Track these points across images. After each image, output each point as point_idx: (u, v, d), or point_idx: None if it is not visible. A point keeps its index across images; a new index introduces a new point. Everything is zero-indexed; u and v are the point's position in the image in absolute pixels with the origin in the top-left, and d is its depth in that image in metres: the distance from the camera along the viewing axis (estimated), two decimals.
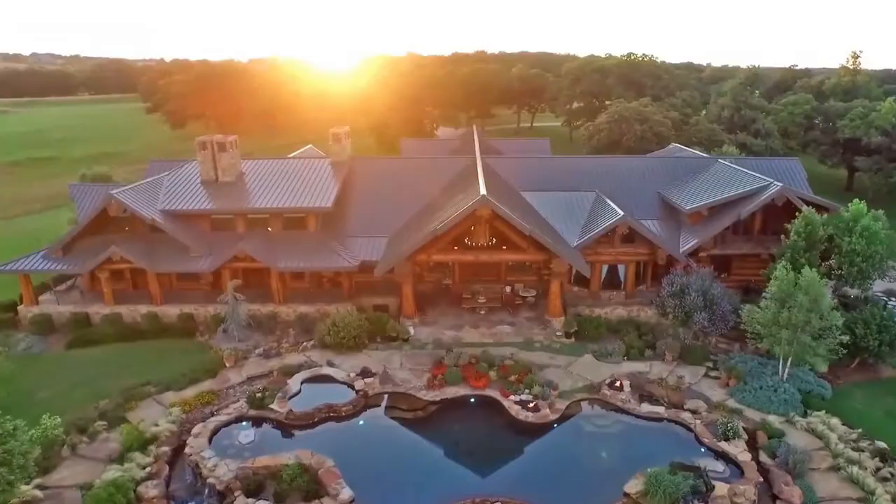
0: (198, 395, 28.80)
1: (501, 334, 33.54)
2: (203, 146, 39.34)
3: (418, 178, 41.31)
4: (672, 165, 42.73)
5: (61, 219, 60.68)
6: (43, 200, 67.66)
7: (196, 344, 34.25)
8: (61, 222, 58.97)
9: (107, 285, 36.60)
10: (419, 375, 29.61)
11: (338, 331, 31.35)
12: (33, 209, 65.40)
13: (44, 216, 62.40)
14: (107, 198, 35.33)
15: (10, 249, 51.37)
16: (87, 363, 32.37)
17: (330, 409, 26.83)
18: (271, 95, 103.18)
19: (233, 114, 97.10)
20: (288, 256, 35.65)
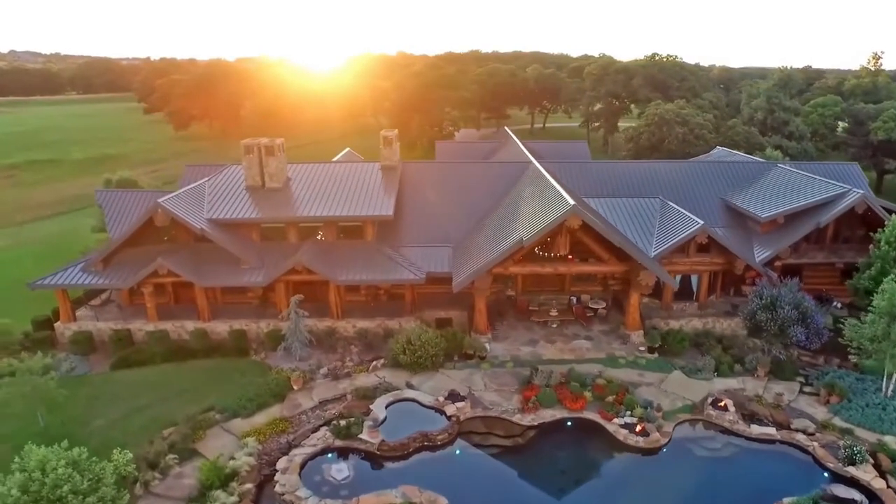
0: (270, 422, 26.69)
1: (580, 350, 31.86)
2: (249, 150, 37.04)
3: (471, 184, 39.44)
4: (728, 170, 41.42)
5: (75, 225, 57.95)
6: (50, 206, 64.49)
7: (252, 363, 32.06)
8: (77, 229, 56.21)
9: (150, 300, 34.22)
10: (507, 397, 27.80)
11: (414, 349, 29.38)
12: (41, 215, 62.22)
13: (53, 223, 59.42)
14: (154, 206, 32.91)
15: (31, 260, 48.66)
16: (139, 386, 30.03)
17: (424, 438, 24.91)
18: (273, 95, 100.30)
19: (236, 115, 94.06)
20: (348, 268, 33.58)
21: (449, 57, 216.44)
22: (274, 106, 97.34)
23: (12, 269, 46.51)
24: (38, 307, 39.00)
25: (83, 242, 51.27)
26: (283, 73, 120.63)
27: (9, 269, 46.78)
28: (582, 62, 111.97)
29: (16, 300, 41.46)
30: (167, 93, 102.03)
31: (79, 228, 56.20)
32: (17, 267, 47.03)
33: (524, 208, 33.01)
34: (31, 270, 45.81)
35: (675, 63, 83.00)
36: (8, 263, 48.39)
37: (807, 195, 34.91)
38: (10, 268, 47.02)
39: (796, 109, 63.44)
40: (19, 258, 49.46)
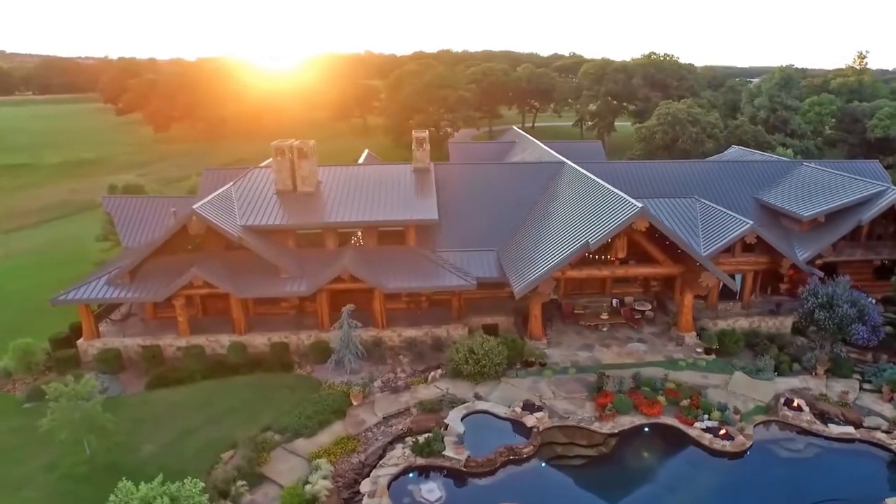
0: (336, 441, 25.32)
1: (638, 353, 31.40)
2: (280, 152, 35.32)
3: (504, 185, 38.60)
4: (754, 169, 41.72)
5: (68, 233, 54.81)
6: (35, 213, 60.84)
7: (299, 378, 30.53)
8: (73, 238, 53.12)
9: (182, 313, 32.30)
10: (579, 405, 27.08)
11: (478, 359, 28.37)
12: (26, 223, 58.59)
13: (43, 231, 56.02)
14: (189, 214, 30.95)
15: (31, 271, 45.65)
16: (182, 406, 28.19)
17: (510, 452, 23.95)
18: (256, 96, 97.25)
19: (220, 115, 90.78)
20: (394, 275, 32.30)
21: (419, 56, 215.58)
22: (259, 107, 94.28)
23: (11, 282, 43.56)
24: (49, 322, 36.65)
25: (84, 252, 48.57)
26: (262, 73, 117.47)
27: (7, 281, 43.76)
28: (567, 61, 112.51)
29: (23, 315, 38.89)
30: (144, 93, 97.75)
31: (75, 237, 53.23)
32: (17, 278, 44.12)
33: (574, 210, 32.35)
34: (35, 282, 43.15)
35: (672, 62, 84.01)
36: (5, 275, 45.28)
37: (844, 194, 35.30)
38: (9, 280, 44.00)
39: (797, 108, 64.97)
40: (16, 269, 46.40)
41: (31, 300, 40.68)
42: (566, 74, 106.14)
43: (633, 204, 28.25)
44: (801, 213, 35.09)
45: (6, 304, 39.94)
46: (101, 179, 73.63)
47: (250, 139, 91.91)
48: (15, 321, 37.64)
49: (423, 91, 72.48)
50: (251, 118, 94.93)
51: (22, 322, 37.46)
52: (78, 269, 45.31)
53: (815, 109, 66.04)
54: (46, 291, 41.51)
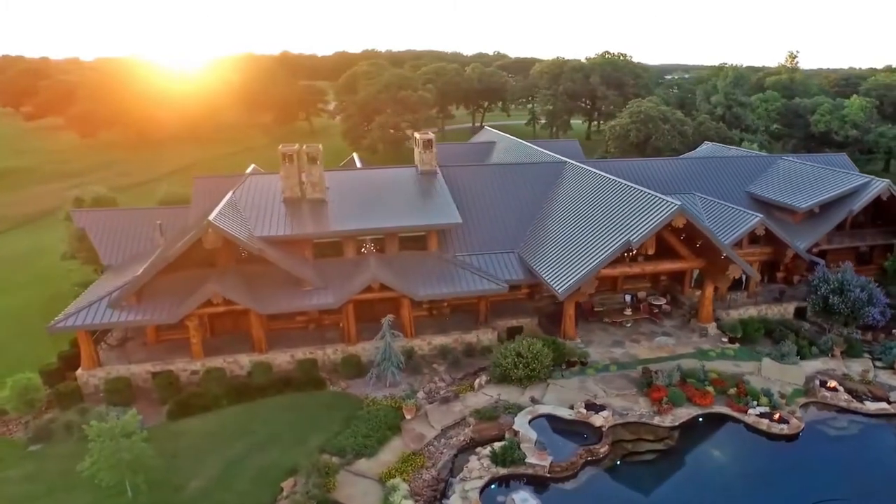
0: (403, 458, 24.14)
1: (668, 346, 32.12)
2: (288, 157, 33.32)
3: (512, 186, 38.47)
4: (739, 165, 43.87)
5: (12, 251, 49.12)
6: None
7: (335, 395, 28.91)
8: (24, 255, 47.70)
9: (196, 334, 29.81)
10: (632, 400, 27.31)
11: (527, 362, 27.98)
12: None
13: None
14: (204, 226, 28.51)
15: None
16: (217, 435, 25.96)
17: (588, 454, 23.78)
18: (187, 99, 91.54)
19: (154, 120, 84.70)
20: (423, 282, 31.29)
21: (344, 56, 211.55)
22: (193, 110, 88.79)
23: None
24: (21, 354, 32.99)
25: (45, 272, 43.95)
26: (186, 74, 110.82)
27: None
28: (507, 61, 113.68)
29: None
30: (59, 96, 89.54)
31: (26, 255, 47.99)
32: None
33: (599, 208, 32.59)
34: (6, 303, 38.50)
35: (627, 61, 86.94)
36: None
37: (832, 185, 37.76)
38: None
39: (751, 105, 69.25)
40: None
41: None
42: (512, 74, 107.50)
43: (671, 202, 28.84)
44: (798, 204, 37.22)
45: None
46: (29, 191, 67.07)
47: (190, 144, 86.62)
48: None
49: (381, 92, 71.03)
50: (188, 123, 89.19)
51: None
52: (44, 292, 41.01)
53: (763, 106, 70.81)
54: (8, 320, 37.25)
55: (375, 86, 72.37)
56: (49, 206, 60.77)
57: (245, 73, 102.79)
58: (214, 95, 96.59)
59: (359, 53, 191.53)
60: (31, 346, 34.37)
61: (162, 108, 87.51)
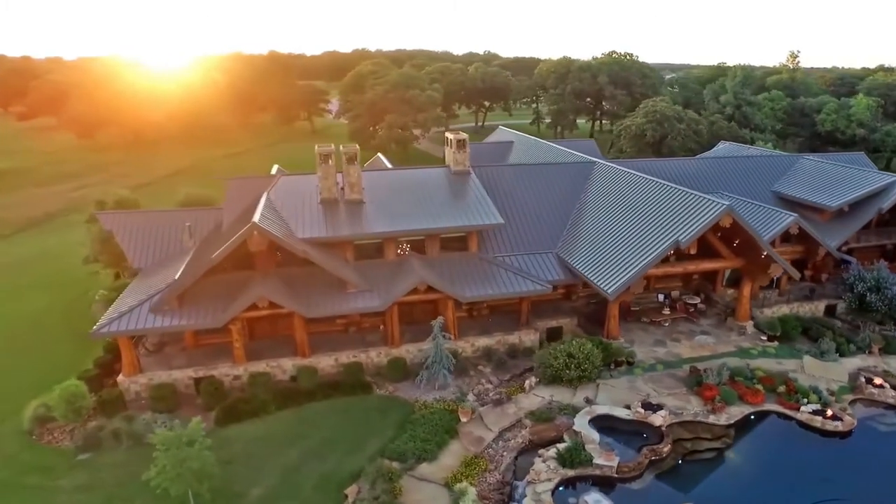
0: (466, 462, 23.96)
1: (709, 345, 32.30)
2: (326, 158, 32.86)
3: (544, 186, 38.39)
4: (761, 165, 44.25)
5: (22, 254, 47.86)
6: None
7: (384, 399, 28.57)
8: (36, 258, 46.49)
9: (239, 339, 29.26)
10: (684, 399, 27.40)
11: (579, 362, 27.94)
12: None
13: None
14: (250, 229, 27.96)
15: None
16: (269, 441, 25.57)
17: (652, 453, 23.80)
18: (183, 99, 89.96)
19: (149, 120, 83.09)
20: (467, 283, 31.07)
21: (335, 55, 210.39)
22: (189, 110, 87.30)
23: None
24: (55, 357, 32.23)
25: (63, 274, 42.92)
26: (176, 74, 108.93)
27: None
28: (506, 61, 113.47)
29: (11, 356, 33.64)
30: (51, 96, 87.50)
31: (37, 258, 46.84)
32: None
33: (640, 209, 32.64)
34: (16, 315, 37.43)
35: (634, 61, 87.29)
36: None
37: (860, 184, 38.24)
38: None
39: (759, 104, 70.03)
40: None
41: (19, 336, 35.33)
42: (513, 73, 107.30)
43: (720, 203, 28.98)
44: (829, 203, 37.62)
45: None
46: (27, 193, 65.49)
47: (187, 145, 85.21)
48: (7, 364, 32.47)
49: (390, 91, 70.54)
50: (183, 123, 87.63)
51: (16, 364, 32.40)
52: (62, 297, 40.05)
53: (769, 105, 71.70)
54: (32, 326, 36.20)
55: (383, 85, 71.89)
56: (53, 208, 59.57)
57: (240, 73, 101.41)
58: (209, 95, 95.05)
59: (350, 53, 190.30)
60: (60, 352, 33.53)
61: (157, 109, 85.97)
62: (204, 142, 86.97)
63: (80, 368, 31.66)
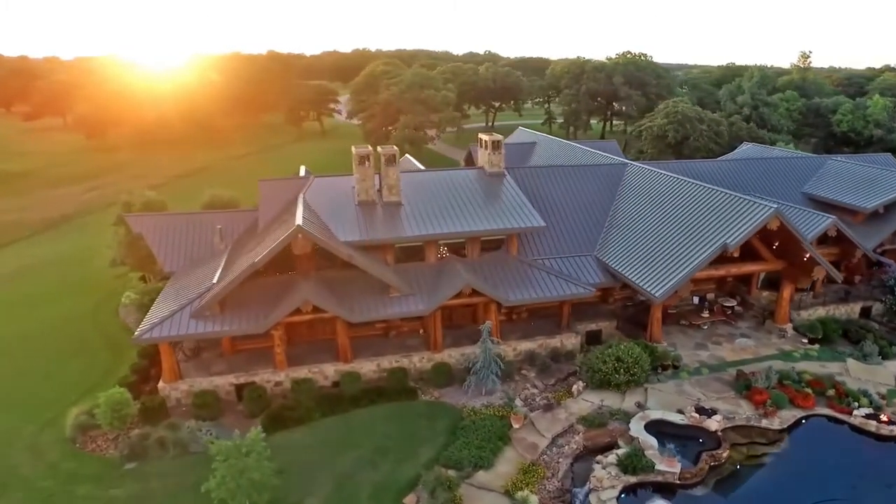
0: (523, 469, 23.63)
1: (751, 348, 32.13)
2: (363, 159, 32.45)
3: (577, 188, 38.19)
4: (789, 166, 44.13)
5: (40, 258, 47.15)
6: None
7: (431, 405, 28.18)
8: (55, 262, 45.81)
9: (281, 344, 28.85)
10: (734, 403, 27.17)
11: (628, 367, 27.67)
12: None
13: (8, 258, 47.49)
14: (294, 232, 27.51)
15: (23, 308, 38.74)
16: (317, 449, 25.15)
17: (711, 459, 23.56)
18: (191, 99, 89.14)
19: (160, 120, 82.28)
20: (510, 287, 30.76)
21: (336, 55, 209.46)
22: (200, 111, 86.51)
23: (4, 324, 36.81)
24: (89, 363, 31.85)
25: (87, 278, 42.32)
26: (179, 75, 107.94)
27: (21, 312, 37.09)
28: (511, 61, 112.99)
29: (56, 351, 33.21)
30: (57, 96, 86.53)
31: (56, 261, 46.07)
32: (9, 319, 37.29)
33: (683, 212, 32.42)
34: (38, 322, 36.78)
35: (649, 62, 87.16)
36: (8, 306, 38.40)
37: (893, 185, 38.12)
38: (22, 311, 37.30)
39: (775, 105, 70.06)
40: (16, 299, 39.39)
41: (50, 340, 34.76)
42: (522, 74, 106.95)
43: (767, 206, 28.81)
44: (864, 204, 37.50)
45: (4, 354, 33.63)
46: (40, 194, 64.70)
47: (199, 146, 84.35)
48: (40, 370, 31.91)
49: (405, 92, 70.06)
50: (193, 123, 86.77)
51: (49, 370, 31.89)
52: (87, 301, 39.42)
53: (784, 105, 71.77)
54: (61, 332, 35.59)
55: (399, 86, 71.40)
56: (67, 210, 58.82)
57: (247, 73, 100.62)
58: (217, 96, 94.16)
59: (351, 53, 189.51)
60: (92, 357, 33.03)
61: (165, 109, 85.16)
62: (214, 142, 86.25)
63: (113, 374, 31.32)
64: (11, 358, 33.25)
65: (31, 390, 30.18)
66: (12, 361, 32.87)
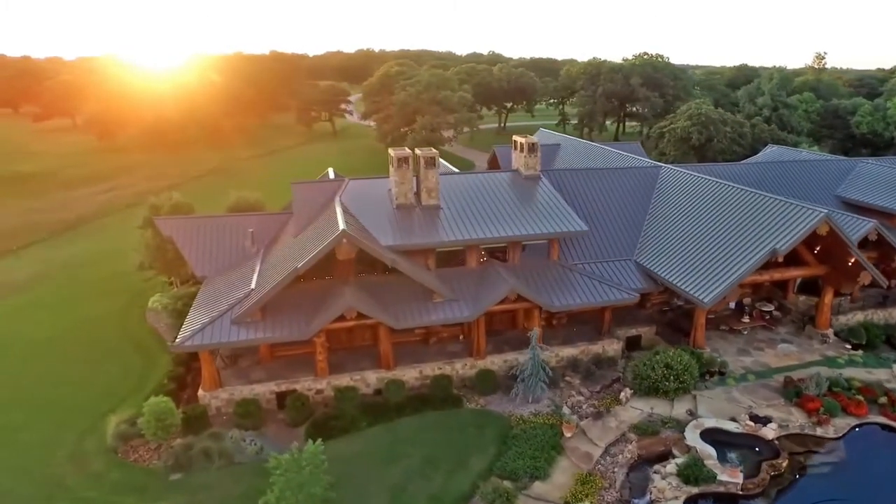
0: (580, 480, 23.18)
1: (794, 354, 31.74)
2: (402, 162, 31.94)
3: (611, 191, 37.71)
4: (820, 169, 43.73)
5: (57, 260, 46.45)
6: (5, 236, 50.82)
7: (477, 413, 27.69)
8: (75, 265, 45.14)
9: (323, 351, 28.34)
10: (785, 411, 26.80)
11: (678, 374, 27.26)
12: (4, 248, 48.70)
13: (26, 261, 46.75)
14: (339, 236, 26.99)
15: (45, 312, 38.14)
16: (366, 459, 24.65)
17: (771, 468, 23.17)
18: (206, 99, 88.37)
19: (170, 121, 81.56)
20: (553, 293, 30.31)
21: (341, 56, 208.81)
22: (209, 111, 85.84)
23: (29, 327, 36.22)
24: (119, 363, 31.40)
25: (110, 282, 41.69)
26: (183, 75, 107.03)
27: (23, 326, 36.39)
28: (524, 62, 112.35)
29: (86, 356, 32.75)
30: (66, 97, 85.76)
31: (76, 265, 45.43)
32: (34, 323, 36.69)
33: (724, 216, 32.02)
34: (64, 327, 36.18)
35: (666, 63, 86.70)
36: (16, 319, 37.67)
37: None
38: (25, 325, 36.61)
39: (795, 106, 69.71)
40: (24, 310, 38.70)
41: (79, 345, 34.18)
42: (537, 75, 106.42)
43: (818, 210, 28.44)
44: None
45: (35, 359, 33.06)
46: (56, 196, 64.00)
47: (211, 146, 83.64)
48: (74, 375, 31.35)
49: (423, 92, 69.54)
50: (202, 124, 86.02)
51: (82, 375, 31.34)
52: (113, 304, 38.83)
53: (803, 107, 71.48)
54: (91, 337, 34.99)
55: (416, 87, 70.87)
56: (84, 211, 58.17)
57: (258, 73, 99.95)
58: (227, 96, 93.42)
59: (354, 53, 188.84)
60: (123, 363, 32.49)
61: (176, 110, 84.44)
62: (224, 143, 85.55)
63: (147, 380, 30.85)
64: (41, 363, 32.66)
65: (64, 397, 29.63)
66: (43, 367, 32.28)
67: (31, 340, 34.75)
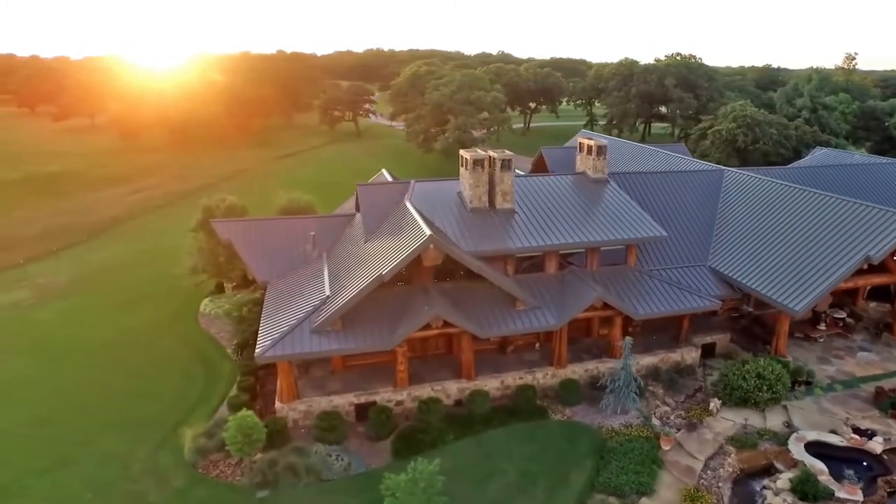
0: (688, 496, 22.33)
1: (875, 362, 30.99)
2: (478, 164, 31.06)
3: (676, 195, 37.07)
4: (886, 173, 42.99)
5: (97, 264, 45.41)
6: (35, 241, 49.72)
7: (566, 425, 26.92)
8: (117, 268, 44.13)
9: (404, 360, 27.44)
10: (882, 423, 26.00)
11: (770, 385, 26.47)
12: (35, 253, 47.49)
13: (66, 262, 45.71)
14: (426, 242, 26.06)
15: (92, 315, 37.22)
16: (460, 475, 23.53)
17: (887, 485, 22.36)
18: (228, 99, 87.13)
19: (197, 121, 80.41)
20: (635, 300, 29.47)
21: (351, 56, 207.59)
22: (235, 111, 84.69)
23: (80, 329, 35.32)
24: (179, 371, 30.75)
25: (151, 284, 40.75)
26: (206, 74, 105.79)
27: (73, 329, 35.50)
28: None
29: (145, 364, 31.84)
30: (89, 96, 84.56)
31: (118, 267, 44.46)
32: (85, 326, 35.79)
33: (806, 222, 31.26)
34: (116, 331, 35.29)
35: (700, 64, 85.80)
36: (63, 324, 36.76)
37: None
38: (74, 327, 35.71)
39: (833, 107, 68.98)
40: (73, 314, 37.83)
41: (137, 353, 33.27)
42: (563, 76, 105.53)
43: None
44: None
45: (94, 367, 32.15)
46: (84, 197, 62.97)
47: (235, 147, 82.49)
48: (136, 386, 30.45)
49: (456, 93, 68.58)
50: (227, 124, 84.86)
51: (145, 385, 30.44)
52: (164, 310, 37.84)
53: (840, 108, 70.74)
54: (146, 341, 34.05)
55: (449, 87, 69.92)
56: (117, 213, 57.13)
57: (275, 73, 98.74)
58: (249, 96, 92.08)
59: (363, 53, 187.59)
60: (184, 371, 31.64)
61: (198, 110, 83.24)
62: (250, 143, 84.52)
63: (212, 390, 30.11)
64: (102, 371, 31.80)
65: (131, 407, 28.76)
66: (104, 375, 31.42)
67: (87, 347, 33.84)
